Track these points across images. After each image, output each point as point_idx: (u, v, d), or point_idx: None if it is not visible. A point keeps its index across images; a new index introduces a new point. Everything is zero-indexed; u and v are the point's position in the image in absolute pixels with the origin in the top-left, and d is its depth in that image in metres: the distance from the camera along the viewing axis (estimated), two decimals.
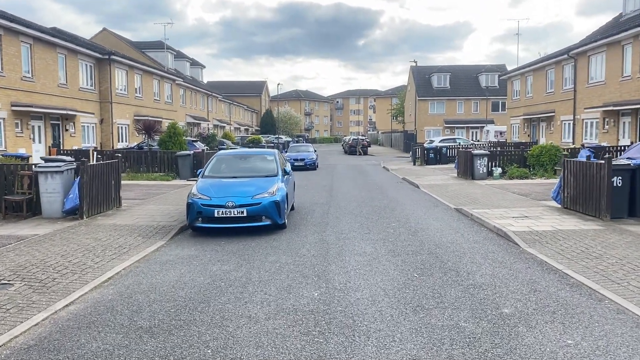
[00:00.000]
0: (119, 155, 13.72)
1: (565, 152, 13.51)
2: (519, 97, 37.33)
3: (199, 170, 11.78)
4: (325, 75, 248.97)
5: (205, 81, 73.15)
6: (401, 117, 72.08)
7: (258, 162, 12.09)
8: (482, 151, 21.58)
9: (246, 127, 75.33)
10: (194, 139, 28.18)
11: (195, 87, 47.51)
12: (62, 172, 11.62)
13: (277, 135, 61.11)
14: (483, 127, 53.41)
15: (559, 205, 12.88)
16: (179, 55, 49.04)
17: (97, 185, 12.09)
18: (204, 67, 56.17)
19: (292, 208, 13.37)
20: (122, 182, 20.71)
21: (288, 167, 12.87)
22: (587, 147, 22.17)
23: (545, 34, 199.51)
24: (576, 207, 12.00)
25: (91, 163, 12.13)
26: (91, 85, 27.49)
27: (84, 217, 11.47)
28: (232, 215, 9.98)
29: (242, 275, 7.29)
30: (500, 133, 44.01)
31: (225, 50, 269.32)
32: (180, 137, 23.41)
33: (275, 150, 12.66)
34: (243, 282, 6.97)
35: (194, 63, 53.91)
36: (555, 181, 19.83)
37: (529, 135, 35.24)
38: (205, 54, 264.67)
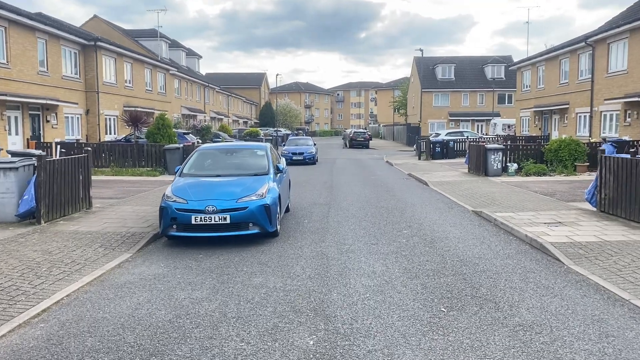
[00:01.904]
0: (89, 149, 11.98)
1: (601, 148, 11.76)
2: (529, 89, 35.52)
3: (177, 168, 10.07)
4: (326, 68, 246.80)
5: (203, 73, 71.29)
6: (403, 109, 70.21)
7: (246, 158, 10.38)
8: (496, 145, 19.86)
9: (245, 120, 73.52)
10: (186, 131, 26.46)
11: (191, 78, 45.68)
12: (17, 169, 9.92)
13: (276, 128, 59.29)
14: (489, 120, 51.59)
15: (594, 209, 11.18)
16: (174, 45, 47.17)
17: (60, 184, 10.39)
18: (201, 57, 54.25)
19: (287, 210, 11.70)
20: (105, 177, 19.13)
21: (282, 164, 11.18)
22: (609, 142, 20.50)
23: (547, 28, 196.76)
24: (617, 212, 10.30)
25: (52, 158, 10.44)
26: (76, 74, 25.72)
27: (42, 221, 9.78)
28: (213, 222, 8.28)
29: (215, 308, 5.59)
30: (508, 126, 42.19)
31: (226, 43, 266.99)
32: (170, 129, 21.69)
33: (267, 144, 10.93)
34: (215, 319, 5.27)
35: (190, 53, 52.01)
36: (576, 178, 18.18)
37: (540, 129, 33.46)
38: (206, 46, 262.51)
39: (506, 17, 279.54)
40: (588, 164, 19.65)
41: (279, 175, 10.05)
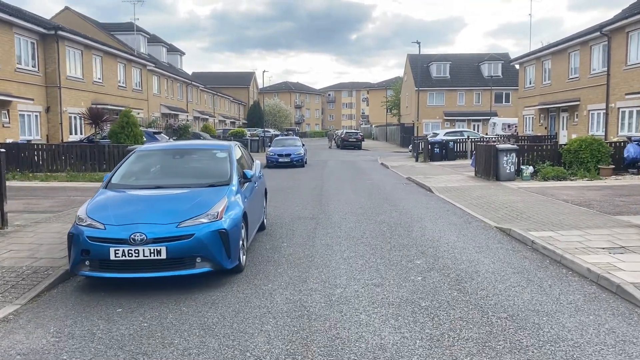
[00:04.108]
0: (1, 150, 9.26)
1: None
2: (533, 85, 33.12)
3: (106, 176, 7.39)
4: (317, 70, 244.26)
5: (190, 72, 68.38)
6: (396, 109, 67.76)
7: (201, 162, 7.72)
8: (509, 145, 17.34)
9: (232, 120, 70.69)
10: (157, 131, 23.72)
11: (172, 75, 42.82)
12: None
13: (264, 129, 56.54)
14: (485, 119, 49.29)
15: None
16: (154, 40, 44.31)
17: None
18: (184, 53, 51.41)
19: (262, 227, 9.11)
20: (56, 184, 16.26)
21: (255, 169, 8.58)
22: (635, 141, 18.12)
23: (537, 29, 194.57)
24: None
25: None
26: (33, 66, 22.87)
27: None
28: (141, 257, 5.64)
29: None
30: (508, 126, 39.78)
31: (217, 43, 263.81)
32: (135, 128, 18.98)
33: (232, 143, 8.23)
34: None
35: (172, 49, 49.15)
36: (604, 183, 15.65)
37: (545, 128, 31.08)
38: (197, 47, 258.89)
39: (497, 19, 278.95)
40: (613, 166, 17.22)
41: (246, 185, 7.41)
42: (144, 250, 5.63)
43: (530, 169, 16.96)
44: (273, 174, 22.11)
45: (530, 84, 33.84)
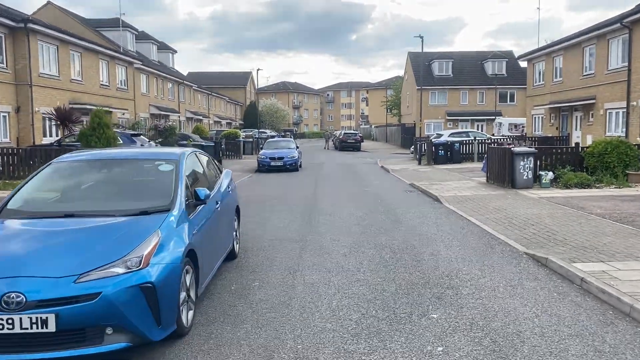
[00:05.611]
0: None
1: None
2: (543, 83, 31.15)
3: (8, 196, 5.41)
4: (317, 70, 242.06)
5: (185, 72, 66.53)
6: (396, 109, 65.76)
7: (138, 177, 5.73)
8: (526, 149, 15.39)
9: (228, 121, 68.69)
10: (136, 132, 21.73)
11: (162, 74, 40.80)
12: None
13: (260, 130, 54.54)
14: (490, 119, 47.30)
15: None
16: (143, 37, 42.28)
17: None
18: (175, 51, 49.39)
19: (232, 256, 7.18)
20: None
21: (217, 186, 6.63)
22: None
23: (536, 29, 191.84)
24: None
25: None
26: (1, 63, 20.90)
27: None
28: (18, 330, 3.69)
29: None
30: (515, 126, 37.88)
31: (216, 45, 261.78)
32: (108, 130, 17.02)
33: (185, 152, 6.08)
34: None
35: (163, 47, 47.13)
36: (635, 192, 13.78)
37: (557, 128, 29.12)
38: (196, 48, 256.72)
39: (496, 19, 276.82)
40: None
41: (199, 209, 5.43)
42: (21, 319, 3.68)
43: (550, 175, 15.03)
44: (263, 179, 20.23)
45: (539, 81, 31.87)
